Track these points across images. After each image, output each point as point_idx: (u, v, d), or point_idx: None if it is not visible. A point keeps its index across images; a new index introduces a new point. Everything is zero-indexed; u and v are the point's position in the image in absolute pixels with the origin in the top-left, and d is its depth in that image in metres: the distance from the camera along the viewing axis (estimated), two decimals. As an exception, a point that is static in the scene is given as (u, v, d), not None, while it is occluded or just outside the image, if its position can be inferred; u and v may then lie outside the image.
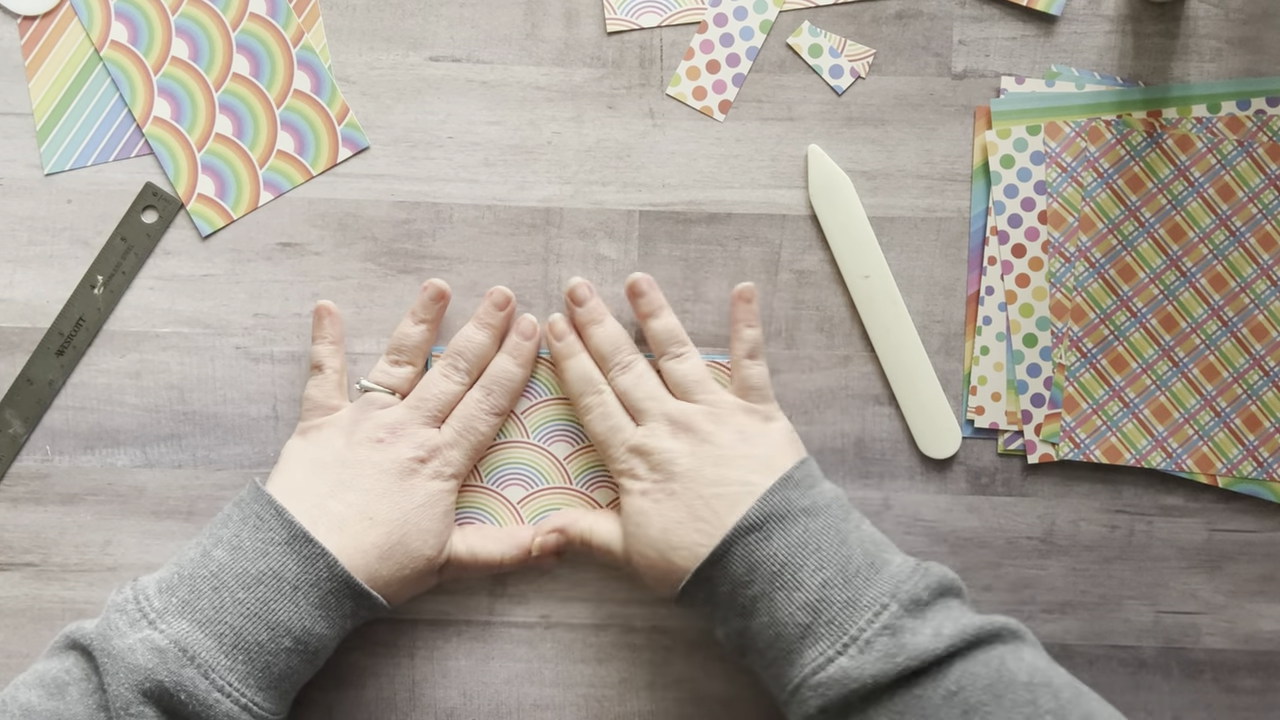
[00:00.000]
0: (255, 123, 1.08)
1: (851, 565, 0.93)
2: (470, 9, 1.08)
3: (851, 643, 0.89)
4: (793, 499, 0.96)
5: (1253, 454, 1.06)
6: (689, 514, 0.98)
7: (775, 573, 0.93)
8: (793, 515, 0.95)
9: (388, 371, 1.05)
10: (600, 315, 1.06)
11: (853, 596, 0.91)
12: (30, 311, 1.07)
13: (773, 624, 0.93)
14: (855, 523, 0.97)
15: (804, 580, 0.93)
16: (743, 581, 0.94)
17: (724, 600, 0.96)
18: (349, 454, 1.01)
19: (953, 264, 1.08)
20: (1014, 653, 0.89)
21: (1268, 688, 1.08)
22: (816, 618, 0.91)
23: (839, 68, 1.08)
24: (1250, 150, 1.06)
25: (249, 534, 0.96)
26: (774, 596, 0.93)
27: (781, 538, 0.94)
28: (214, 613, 0.92)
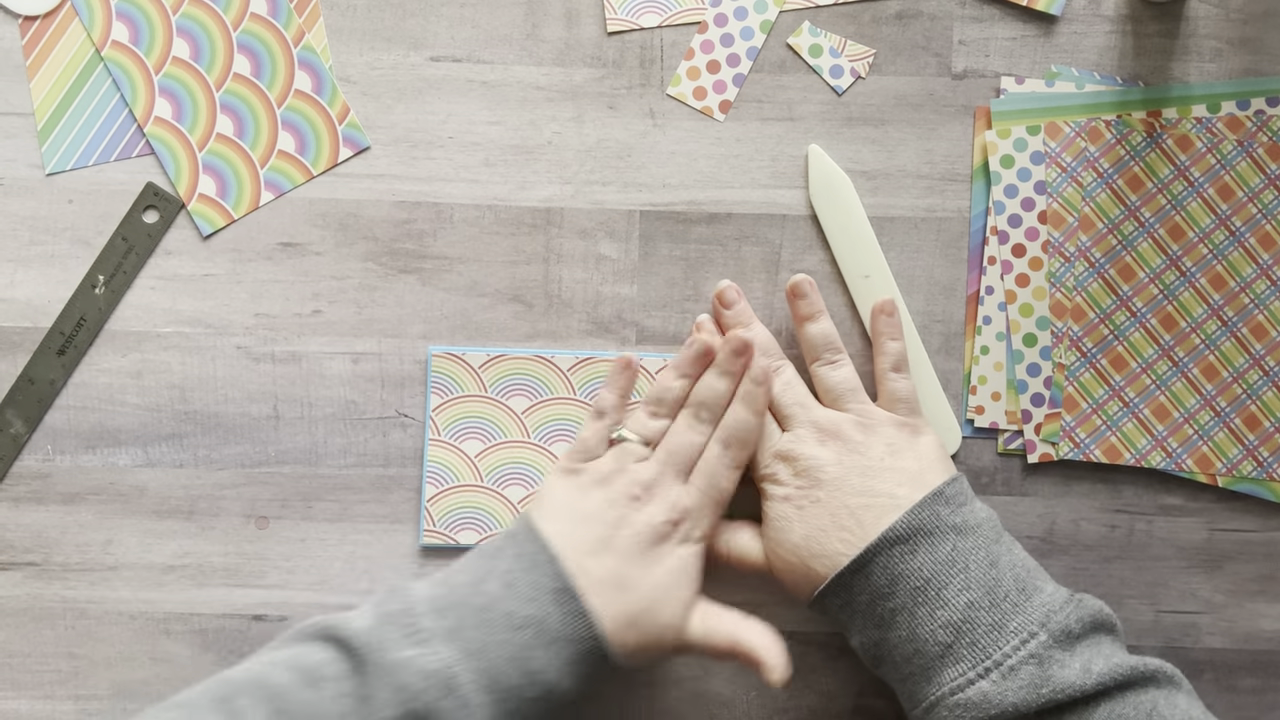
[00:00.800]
0: (256, 123, 1.08)
1: (1000, 589, 0.93)
2: (470, 9, 1.08)
3: (995, 667, 0.89)
4: (942, 515, 0.96)
5: (1252, 453, 1.06)
6: (833, 522, 0.97)
7: (919, 588, 0.93)
8: (941, 531, 0.95)
9: (644, 423, 1.04)
10: (748, 319, 1.06)
11: (999, 620, 0.91)
12: (31, 311, 1.07)
13: (912, 639, 0.93)
14: (1007, 545, 0.96)
15: (949, 599, 0.92)
16: (884, 593, 0.94)
17: (862, 609, 0.96)
18: (609, 511, 0.99)
19: (953, 264, 1.08)
20: (1167, 699, 0.88)
21: (1267, 687, 1.08)
22: (959, 638, 0.91)
23: (839, 68, 1.08)
24: (1250, 150, 1.06)
25: (521, 573, 0.95)
26: (915, 612, 0.93)
27: (928, 553, 0.94)
28: (480, 647, 0.92)
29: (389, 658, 0.89)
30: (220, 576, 1.08)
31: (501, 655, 0.92)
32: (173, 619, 1.08)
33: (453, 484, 1.07)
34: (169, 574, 1.08)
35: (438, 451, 1.07)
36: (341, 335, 1.08)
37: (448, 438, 1.07)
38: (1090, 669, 0.88)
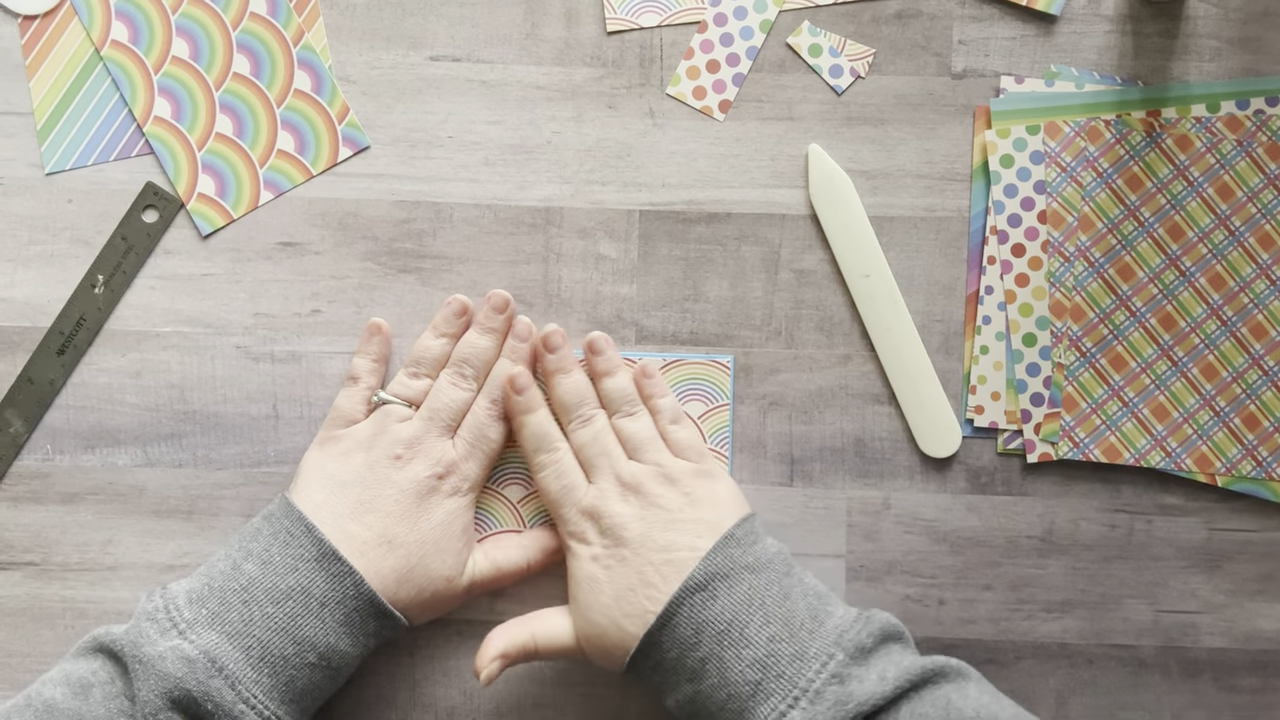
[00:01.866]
0: (255, 122, 1.08)
1: (796, 619, 0.94)
2: (470, 9, 1.08)
3: (802, 695, 0.91)
4: (735, 557, 0.97)
5: (1252, 453, 1.06)
6: (640, 580, 0.98)
7: (722, 631, 0.94)
8: (736, 573, 0.96)
9: (405, 384, 1.05)
10: (569, 366, 1.06)
11: (800, 649, 0.92)
12: (31, 311, 1.07)
13: (724, 684, 0.93)
14: (798, 577, 0.98)
15: (751, 637, 0.93)
16: (690, 644, 0.95)
17: (672, 666, 0.96)
18: (369, 474, 1.01)
19: (952, 263, 1.08)
20: (959, 691, 0.90)
21: (1267, 687, 1.08)
22: (766, 673, 0.92)
23: (839, 67, 1.08)
24: (1249, 150, 1.06)
25: (279, 549, 0.97)
26: (723, 656, 0.94)
27: (727, 596, 0.95)
28: (243, 625, 0.94)
29: (147, 651, 0.91)
30: (220, 576, 1.08)
31: (268, 629, 0.94)
32: (172, 619, 1.08)
33: None
34: (168, 574, 1.08)
35: None
36: (341, 335, 1.08)
37: None
38: (886, 677, 0.90)
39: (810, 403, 1.08)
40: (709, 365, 1.07)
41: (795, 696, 0.90)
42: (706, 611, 0.94)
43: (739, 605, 0.94)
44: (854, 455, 1.08)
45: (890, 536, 1.07)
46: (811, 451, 1.08)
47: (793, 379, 1.08)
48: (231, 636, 0.93)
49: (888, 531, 1.08)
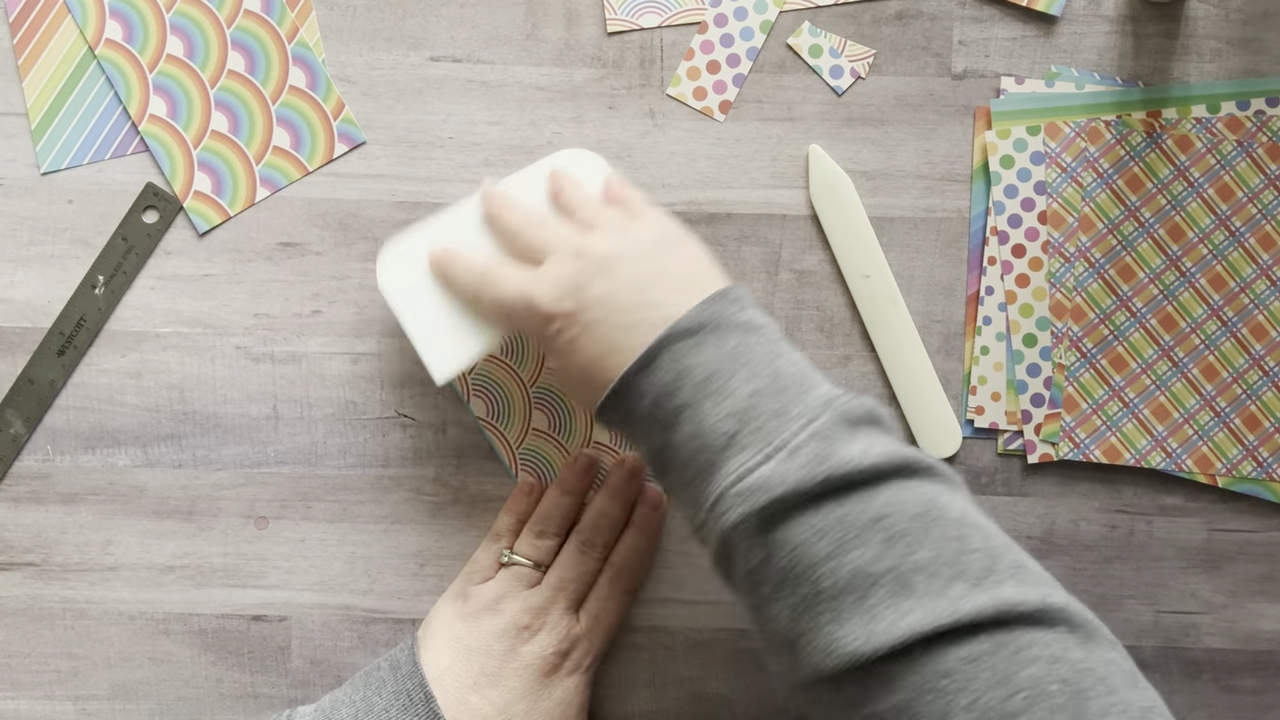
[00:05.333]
0: (251, 119, 1.08)
1: (784, 378, 0.88)
2: (470, 9, 1.08)
3: (779, 450, 0.84)
4: (729, 312, 0.90)
5: (1252, 454, 1.06)
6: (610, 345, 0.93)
7: (703, 381, 0.88)
8: (727, 328, 0.90)
9: (533, 544, 1.04)
10: None
11: (783, 407, 0.86)
12: (31, 311, 1.07)
13: (697, 434, 0.87)
14: (789, 348, 0.91)
15: (734, 389, 0.87)
16: (668, 390, 0.89)
17: (646, 413, 0.90)
18: (496, 643, 1.00)
19: (953, 264, 1.08)
20: (947, 492, 0.84)
21: (1267, 688, 1.08)
22: (743, 425, 0.86)
23: (839, 68, 1.08)
24: (1250, 150, 1.06)
25: (398, 712, 0.96)
26: (700, 406, 0.87)
27: (714, 347, 0.89)
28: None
29: None
30: (219, 577, 1.08)
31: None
32: (172, 619, 1.08)
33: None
34: (168, 574, 1.08)
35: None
36: (341, 335, 1.07)
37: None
38: (870, 451, 0.83)
39: (811, 403, 1.08)
40: None
41: (770, 452, 0.84)
42: (691, 359, 0.89)
43: (725, 358, 0.88)
44: (854, 455, 1.08)
45: (891, 536, 1.08)
46: (812, 452, 1.08)
47: (793, 379, 1.08)
48: None
49: (888, 531, 1.08)
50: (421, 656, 1.00)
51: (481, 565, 1.05)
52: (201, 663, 1.08)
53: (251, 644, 1.08)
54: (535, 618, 1.01)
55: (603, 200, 1.00)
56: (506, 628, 1.00)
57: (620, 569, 1.05)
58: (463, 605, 1.02)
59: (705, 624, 1.08)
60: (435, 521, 1.08)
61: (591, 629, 1.03)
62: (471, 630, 1.01)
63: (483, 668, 0.99)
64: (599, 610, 1.04)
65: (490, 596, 1.02)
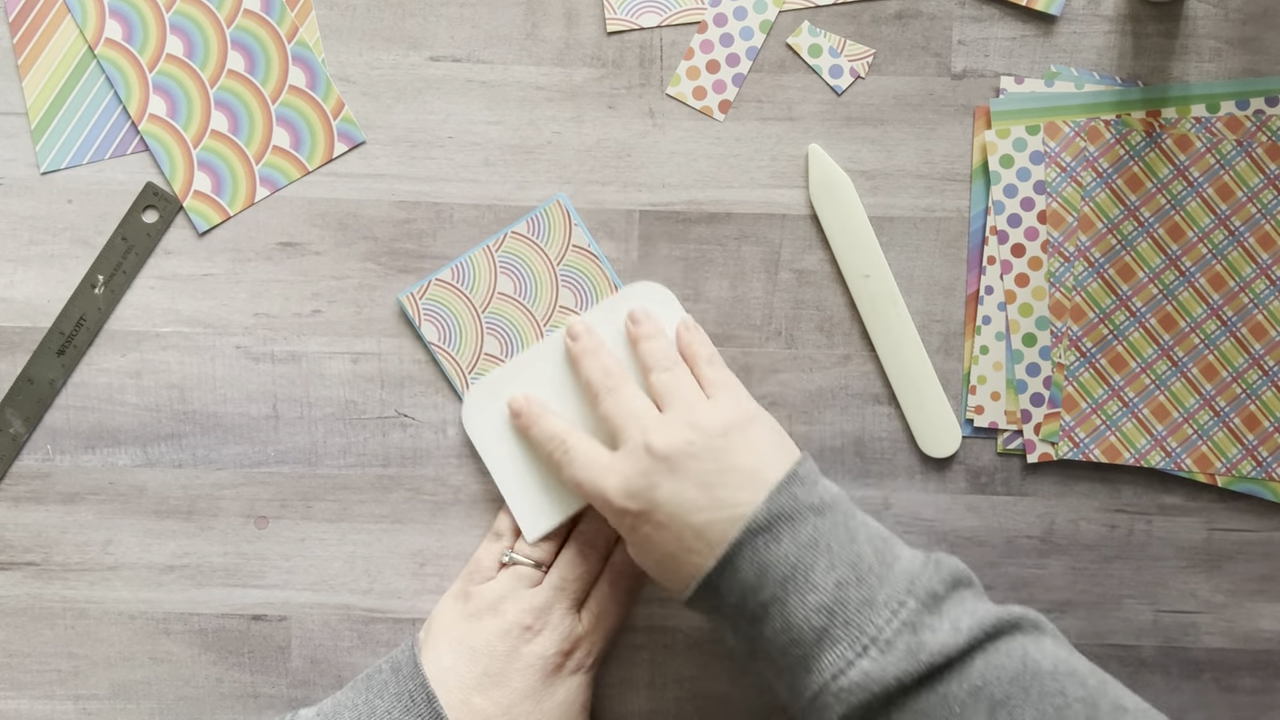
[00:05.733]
0: (250, 119, 1.08)
1: (864, 563, 0.90)
2: (470, 9, 1.08)
3: (872, 644, 0.87)
4: (800, 497, 0.93)
5: (1252, 453, 1.06)
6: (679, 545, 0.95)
7: (787, 575, 0.90)
8: (801, 514, 0.92)
9: (536, 544, 1.05)
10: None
11: (868, 595, 0.89)
12: (31, 311, 1.07)
13: (786, 629, 0.90)
14: (861, 519, 0.94)
15: (817, 581, 0.89)
16: (753, 587, 0.91)
17: (733, 609, 0.93)
18: (499, 644, 1.00)
19: (952, 264, 1.08)
20: (1035, 643, 0.87)
21: (1267, 687, 1.08)
22: (833, 619, 0.88)
23: (839, 68, 1.08)
24: (1249, 150, 1.06)
25: (400, 714, 0.96)
26: (787, 601, 0.90)
27: (791, 538, 0.91)
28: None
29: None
30: (220, 576, 1.08)
31: None
32: (172, 619, 1.08)
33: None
34: (168, 574, 1.08)
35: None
36: (341, 335, 1.07)
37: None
38: (960, 627, 0.86)
39: (810, 403, 1.08)
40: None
41: (864, 645, 0.87)
42: (770, 554, 0.91)
43: (804, 548, 0.90)
44: (854, 455, 1.08)
45: (890, 536, 1.08)
46: (811, 451, 1.08)
47: (793, 379, 1.08)
48: None
49: (888, 531, 1.08)
50: (423, 657, 1.00)
51: (483, 565, 1.05)
52: (201, 662, 1.08)
53: (251, 644, 1.08)
54: (537, 618, 1.01)
55: (677, 352, 1.04)
56: (509, 628, 1.00)
57: (622, 570, 1.05)
58: (464, 605, 1.02)
59: (705, 624, 1.08)
60: (435, 521, 1.08)
61: (593, 629, 1.03)
62: (474, 631, 1.01)
63: (485, 668, 0.99)
64: (601, 610, 1.04)
65: (492, 597, 1.02)
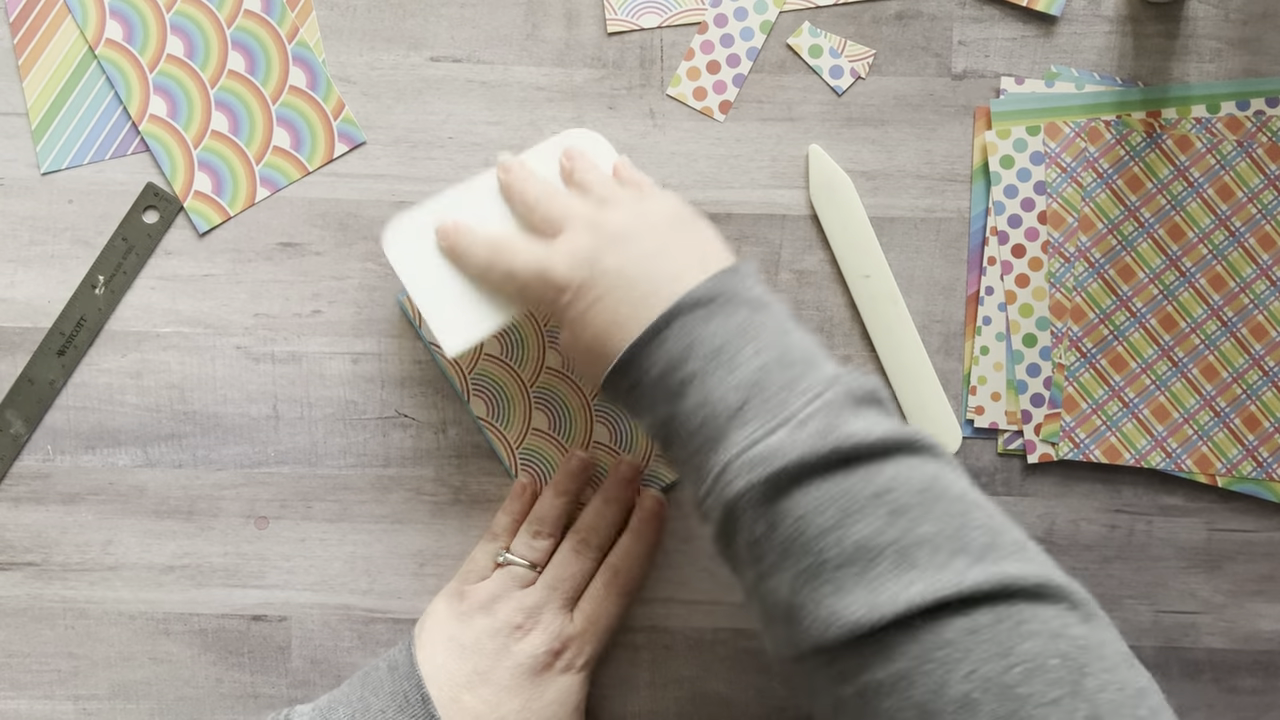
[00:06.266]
0: (251, 119, 1.08)
1: (791, 354, 0.88)
2: (470, 9, 1.08)
3: (786, 421, 0.85)
4: (741, 288, 0.91)
5: (1252, 454, 1.06)
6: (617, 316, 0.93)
7: (713, 352, 0.88)
8: (738, 301, 0.90)
9: (529, 545, 1.04)
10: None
11: (791, 380, 0.87)
12: (31, 311, 1.07)
13: (704, 404, 0.88)
14: (796, 325, 0.92)
15: (742, 361, 0.88)
16: (677, 361, 0.89)
17: (653, 383, 0.91)
18: (489, 642, 1.00)
19: (952, 264, 1.08)
20: (949, 472, 0.85)
21: (1267, 688, 1.08)
22: (751, 397, 0.87)
23: (839, 68, 1.08)
24: (1250, 150, 1.06)
25: (395, 713, 0.96)
26: (708, 377, 0.88)
27: (724, 319, 0.89)
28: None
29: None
30: (220, 576, 1.08)
31: None
32: (172, 619, 1.08)
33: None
34: (168, 574, 1.08)
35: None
36: (341, 335, 1.07)
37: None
38: (873, 429, 0.84)
39: (810, 403, 1.08)
40: None
41: (779, 423, 0.85)
42: (701, 329, 0.89)
43: (734, 330, 0.89)
44: (854, 455, 1.08)
45: (890, 536, 1.08)
46: (812, 451, 1.08)
47: (793, 379, 1.08)
48: None
49: (888, 531, 1.08)
50: (416, 655, 1.00)
51: (478, 565, 1.05)
52: (201, 663, 1.08)
53: (251, 644, 1.08)
54: (528, 617, 1.01)
55: (615, 180, 1.02)
56: (500, 627, 1.00)
57: (616, 571, 1.05)
58: (458, 604, 1.03)
59: (705, 624, 1.08)
60: (435, 521, 1.08)
61: (585, 630, 1.03)
62: (465, 629, 1.01)
63: (475, 666, 0.99)
64: (594, 611, 1.03)
65: (485, 596, 1.02)
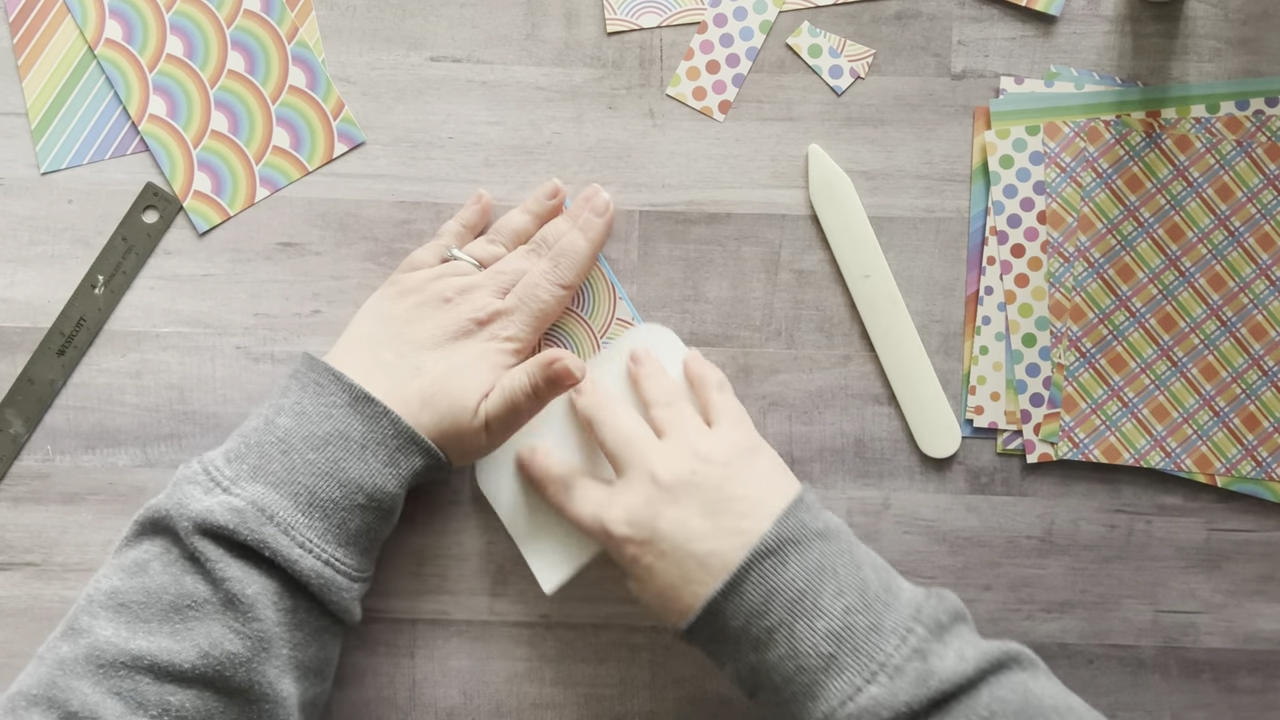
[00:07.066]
0: (250, 119, 1.08)
1: (870, 589, 0.91)
2: (470, 9, 1.08)
3: (880, 670, 0.87)
4: (806, 523, 0.93)
5: (1251, 453, 1.06)
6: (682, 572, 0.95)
7: (794, 600, 0.90)
8: (808, 539, 0.92)
9: (482, 247, 1.05)
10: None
11: (875, 621, 0.89)
12: (31, 311, 1.07)
13: (793, 655, 0.89)
14: (863, 547, 0.95)
15: (824, 607, 0.89)
16: (758, 611, 0.90)
17: (735, 634, 0.92)
18: (415, 311, 1.00)
19: (952, 264, 1.08)
20: (1034, 679, 0.88)
21: (1267, 687, 1.08)
22: (841, 646, 0.88)
23: (838, 68, 1.08)
24: (1249, 150, 1.06)
25: (310, 400, 0.95)
26: (794, 626, 0.89)
27: (799, 563, 0.91)
28: (286, 474, 0.92)
29: (194, 509, 0.90)
30: (220, 576, 1.08)
31: (312, 475, 0.93)
32: (172, 619, 1.08)
33: None
34: (168, 574, 1.08)
35: None
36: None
37: None
38: (965, 656, 0.87)
39: (810, 403, 1.08)
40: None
41: (873, 671, 0.87)
42: (778, 577, 0.90)
43: (811, 572, 0.90)
44: (854, 456, 1.08)
45: (890, 537, 1.08)
46: (811, 452, 1.08)
47: (792, 379, 1.08)
48: (276, 486, 0.92)
49: (887, 532, 1.08)
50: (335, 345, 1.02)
51: (416, 258, 1.05)
52: (201, 662, 1.08)
53: (251, 644, 1.08)
54: (459, 294, 1.01)
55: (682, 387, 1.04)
56: (427, 299, 1.01)
57: (556, 262, 1.04)
58: (391, 288, 1.03)
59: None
60: (435, 521, 1.08)
61: (515, 308, 1.02)
62: (395, 305, 1.02)
63: (398, 331, 1.00)
64: (527, 294, 1.03)
65: (419, 279, 1.03)
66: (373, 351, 0.99)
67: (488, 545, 1.08)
